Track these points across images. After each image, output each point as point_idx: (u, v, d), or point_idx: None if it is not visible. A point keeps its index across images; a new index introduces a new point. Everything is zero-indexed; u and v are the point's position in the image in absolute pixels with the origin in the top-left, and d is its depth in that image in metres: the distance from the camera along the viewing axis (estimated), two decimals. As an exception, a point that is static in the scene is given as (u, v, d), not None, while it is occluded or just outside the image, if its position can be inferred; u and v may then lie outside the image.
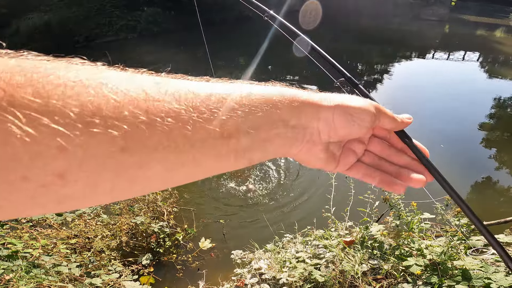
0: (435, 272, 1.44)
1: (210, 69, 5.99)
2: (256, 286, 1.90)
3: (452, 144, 5.05)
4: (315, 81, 11.68)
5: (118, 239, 2.95)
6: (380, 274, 1.56)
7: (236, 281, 2.20)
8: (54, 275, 2.25)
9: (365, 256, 1.66)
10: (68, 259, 2.49)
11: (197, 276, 3.13)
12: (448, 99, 6.73)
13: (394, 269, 1.52)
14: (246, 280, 2.04)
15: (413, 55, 10.80)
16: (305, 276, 1.71)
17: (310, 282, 1.67)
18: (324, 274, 1.67)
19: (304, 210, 3.82)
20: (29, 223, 2.75)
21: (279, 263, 1.98)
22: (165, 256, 3.27)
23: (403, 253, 1.57)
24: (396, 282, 1.45)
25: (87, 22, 11.23)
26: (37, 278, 2.05)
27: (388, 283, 1.48)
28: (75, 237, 2.74)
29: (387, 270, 1.52)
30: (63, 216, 2.91)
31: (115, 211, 3.22)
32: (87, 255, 2.66)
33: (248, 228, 3.73)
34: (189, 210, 3.97)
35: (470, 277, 1.25)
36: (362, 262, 1.61)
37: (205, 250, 3.37)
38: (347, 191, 2.42)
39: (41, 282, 2.07)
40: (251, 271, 2.16)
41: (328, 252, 1.81)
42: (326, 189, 4.00)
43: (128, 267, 2.86)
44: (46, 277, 2.14)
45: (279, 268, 1.86)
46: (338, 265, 1.72)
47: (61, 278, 2.28)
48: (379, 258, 1.63)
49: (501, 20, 14.14)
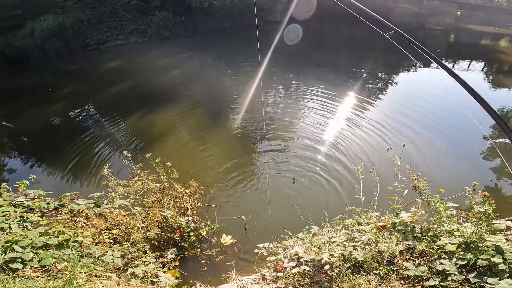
0: (467, 250, 1.63)
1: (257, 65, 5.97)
2: (296, 268, 2.06)
3: (453, 151, 5.23)
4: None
5: (152, 231, 3.07)
6: (415, 253, 1.74)
7: (271, 266, 2.35)
8: (101, 264, 2.31)
9: (399, 238, 1.84)
10: (112, 249, 2.60)
11: (221, 270, 3.17)
12: (451, 107, 6.95)
13: (429, 248, 1.70)
14: (284, 264, 2.21)
15: (418, 64, 11.09)
16: (345, 256, 1.88)
17: (350, 261, 1.85)
18: (362, 254, 1.84)
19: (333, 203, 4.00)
20: (69, 213, 2.90)
21: (315, 247, 2.15)
22: (189, 250, 3.36)
23: (435, 234, 1.76)
24: (433, 259, 1.64)
25: (99, 25, 11.54)
26: (87, 267, 2.11)
27: (425, 260, 1.66)
28: (116, 227, 2.88)
29: (422, 250, 1.70)
30: (100, 208, 3.05)
31: (148, 203, 3.36)
32: (127, 245, 2.77)
33: (269, 222, 3.87)
34: (211, 206, 4.11)
35: (502, 252, 1.44)
36: (398, 243, 1.80)
37: (227, 245, 3.48)
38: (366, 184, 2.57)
39: (91, 271, 2.11)
40: (287, 257, 2.33)
41: (364, 236, 1.99)
42: (350, 183, 4.22)
43: (156, 260, 2.97)
44: (94, 267, 2.18)
45: (318, 251, 2.03)
46: (374, 247, 1.89)
47: (107, 268, 2.34)
48: (412, 239, 1.82)
49: (506, 30, 14.48)
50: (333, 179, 4.46)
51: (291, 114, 6.81)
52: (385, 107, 7.03)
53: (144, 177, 3.50)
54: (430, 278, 1.55)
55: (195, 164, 5.05)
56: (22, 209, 2.68)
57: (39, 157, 5.86)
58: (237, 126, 6.35)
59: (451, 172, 4.62)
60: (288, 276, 2.06)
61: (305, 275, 1.99)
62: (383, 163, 4.60)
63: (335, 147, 5.33)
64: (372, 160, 4.86)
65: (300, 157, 5.11)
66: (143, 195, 3.53)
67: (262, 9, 14.83)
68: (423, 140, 5.50)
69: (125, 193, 3.37)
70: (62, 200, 2.90)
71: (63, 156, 5.54)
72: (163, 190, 3.65)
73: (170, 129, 6.36)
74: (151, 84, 8.88)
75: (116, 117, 6.94)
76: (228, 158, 5.16)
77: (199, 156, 5.26)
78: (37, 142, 6.55)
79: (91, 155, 5.52)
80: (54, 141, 6.35)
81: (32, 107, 7.94)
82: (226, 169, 4.91)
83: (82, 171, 5.10)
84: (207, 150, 5.44)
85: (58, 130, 7.09)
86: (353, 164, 4.54)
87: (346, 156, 5.03)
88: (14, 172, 5.50)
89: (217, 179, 4.69)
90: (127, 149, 5.61)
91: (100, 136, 6.22)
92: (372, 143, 5.35)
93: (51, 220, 2.66)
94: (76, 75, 10.15)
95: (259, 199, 4.31)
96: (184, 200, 3.72)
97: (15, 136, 7.03)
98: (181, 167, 4.16)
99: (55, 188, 4.50)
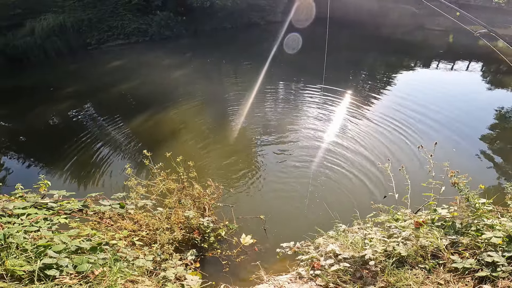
0: (511, 242, 1.67)
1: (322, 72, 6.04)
2: (336, 265, 2.08)
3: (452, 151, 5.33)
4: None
5: (177, 232, 3.04)
6: (460, 247, 1.78)
7: (306, 265, 2.36)
8: (135, 268, 2.23)
9: (441, 233, 1.88)
10: (143, 252, 2.55)
11: (243, 271, 3.16)
12: (451, 107, 7.07)
13: (473, 241, 1.74)
14: (321, 261, 2.22)
15: (418, 64, 11.28)
16: (388, 251, 1.91)
17: (393, 256, 1.87)
18: (405, 249, 1.87)
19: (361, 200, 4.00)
20: (95, 215, 2.84)
21: (352, 244, 2.17)
22: (209, 251, 3.32)
23: (479, 229, 1.80)
24: (480, 252, 1.68)
25: (100, 24, 11.37)
26: (123, 272, 2.03)
27: (471, 253, 1.71)
28: (141, 228, 2.83)
29: (467, 243, 1.75)
30: (124, 209, 3.00)
31: (169, 204, 3.32)
32: (155, 247, 2.72)
33: (289, 222, 3.88)
34: (227, 206, 4.09)
35: (550, 243, 1.49)
36: (442, 238, 1.83)
37: (246, 245, 3.46)
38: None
39: (128, 276, 2.02)
40: (322, 255, 2.34)
41: (403, 232, 2.02)
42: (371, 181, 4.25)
43: (181, 261, 2.93)
44: (130, 272, 2.10)
45: (359, 247, 2.05)
46: (415, 242, 1.93)
47: (140, 272, 2.26)
48: (455, 234, 1.86)
49: (504, 30, 14.86)
50: (362, 175, 4.49)
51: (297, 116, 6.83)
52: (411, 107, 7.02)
53: (164, 176, 3.46)
54: (480, 270, 1.59)
55: (205, 164, 5.03)
56: (47, 211, 2.62)
57: (38, 156, 5.77)
58: (240, 127, 6.35)
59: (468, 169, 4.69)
60: (328, 273, 2.08)
61: (346, 271, 2.00)
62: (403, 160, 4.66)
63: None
64: (399, 157, 4.93)
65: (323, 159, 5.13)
66: (163, 195, 3.49)
67: (263, 9, 14.85)
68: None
69: (144, 193, 3.33)
70: (87, 200, 2.85)
71: (62, 155, 5.47)
72: (183, 190, 3.62)
73: (174, 130, 6.29)
74: (153, 84, 8.80)
75: (116, 117, 6.87)
76: (234, 157, 5.14)
77: (207, 156, 5.24)
78: (36, 142, 6.43)
79: (90, 155, 5.47)
80: (54, 141, 6.25)
81: (32, 107, 7.78)
82: (237, 169, 4.89)
83: (81, 171, 5.04)
84: (211, 150, 5.43)
85: (58, 129, 6.97)
86: (378, 161, 4.59)
87: (369, 152, 5.10)
88: (11, 173, 5.38)
89: (230, 178, 4.68)
90: (126, 149, 5.59)
91: (100, 135, 6.18)
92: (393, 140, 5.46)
93: (78, 222, 2.60)
94: (77, 75, 10.00)
95: (279, 198, 4.29)
96: (202, 200, 3.70)
97: (15, 136, 6.87)
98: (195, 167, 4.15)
99: (56, 188, 4.42)
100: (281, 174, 4.73)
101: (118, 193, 3.17)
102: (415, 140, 5.50)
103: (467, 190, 1.96)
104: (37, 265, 1.80)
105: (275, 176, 4.71)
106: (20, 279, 1.76)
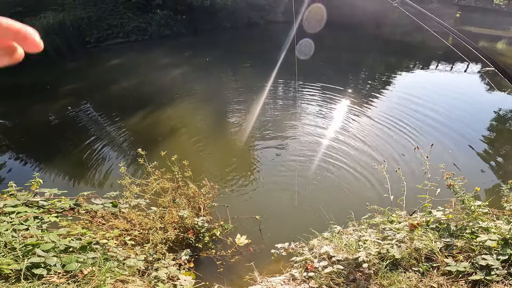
0: (506, 245, 1.64)
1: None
2: (329, 267, 2.04)
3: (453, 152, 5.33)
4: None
5: (170, 232, 3.01)
6: (455, 250, 1.74)
7: (300, 266, 2.33)
8: (125, 268, 2.21)
9: (436, 235, 1.85)
10: (135, 252, 2.52)
11: (238, 271, 3.13)
12: (451, 108, 7.07)
13: (468, 244, 1.71)
14: (314, 263, 2.19)
15: (417, 65, 11.25)
16: (382, 254, 1.87)
17: (387, 259, 1.84)
18: (399, 252, 1.84)
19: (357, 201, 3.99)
20: (87, 214, 2.81)
21: (346, 246, 2.14)
22: (204, 251, 3.30)
23: (474, 231, 1.77)
24: (474, 255, 1.64)
25: (99, 23, 11.35)
26: (113, 272, 2.01)
27: (466, 256, 1.67)
28: (134, 228, 2.80)
29: (462, 246, 1.71)
30: (117, 208, 2.97)
31: (163, 203, 3.29)
32: (148, 247, 2.70)
33: (285, 223, 3.84)
34: (223, 206, 4.06)
35: (546, 247, 1.45)
36: (436, 240, 1.80)
37: (241, 246, 3.42)
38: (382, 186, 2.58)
39: (118, 276, 2.01)
40: (316, 256, 2.31)
41: (398, 234, 1.98)
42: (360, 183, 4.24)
43: (174, 261, 2.90)
44: (120, 271, 2.08)
45: (353, 249, 2.02)
46: (409, 244, 1.89)
47: (131, 272, 2.24)
48: (449, 236, 1.83)
49: (503, 32, 14.85)
50: (361, 176, 4.47)
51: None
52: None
53: (159, 175, 3.43)
54: (473, 273, 1.56)
55: (201, 163, 5.01)
56: (38, 210, 2.59)
57: (35, 154, 5.73)
58: (238, 127, 6.32)
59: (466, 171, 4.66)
60: (321, 275, 2.04)
61: (340, 274, 1.97)
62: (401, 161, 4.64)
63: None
64: (399, 158, 4.90)
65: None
66: (157, 194, 3.46)
67: (263, 8, 14.83)
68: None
69: (138, 192, 3.30)
70: (79, 199, 2.82)
71: (58, 153, 5.46)
72: (178, 189, 3.59)
73: (171, 129, 6.27)
74: (152, 82, 8.78)
75: (114, 115, 6.85)
76: (234, 157, 5.12)
77: (203, 155, 5.21)
78: (34, 140, 6.40)
79: (86, 153, 5.43)
80: (51, 139, 6.22)
81: (31, 105, 7.76)
82: (233, 168, 4.87)
83: (75, 169, 5.01)
84: (207, 149, 5.40)
85: (56, 128, 6.94)
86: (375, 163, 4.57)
87: (370, 152, 5.09)
88: (8, 171, 5.35)
89: (225, 178, 4.65)
90: (122, 147, 5.56)
91: (97, 133, 6.15)
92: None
93: (69, 221, 2.57)
94: (76, 73, 9.97)
95: (274, 197, 4.27)
96: (197, 199, 3.66)
97: (12, 134, 6.85)
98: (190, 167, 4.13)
99: (50, 186, 4.40)
100: (278, 175, 4.70)
101: (111, 192, 3.14)
102: (416, 139, 5.50)
103: (462, 192, 1.93)
104: (24, 263, 1.78)
105: (271, 176, 4.68)
106: (7, 278, 1.74)
